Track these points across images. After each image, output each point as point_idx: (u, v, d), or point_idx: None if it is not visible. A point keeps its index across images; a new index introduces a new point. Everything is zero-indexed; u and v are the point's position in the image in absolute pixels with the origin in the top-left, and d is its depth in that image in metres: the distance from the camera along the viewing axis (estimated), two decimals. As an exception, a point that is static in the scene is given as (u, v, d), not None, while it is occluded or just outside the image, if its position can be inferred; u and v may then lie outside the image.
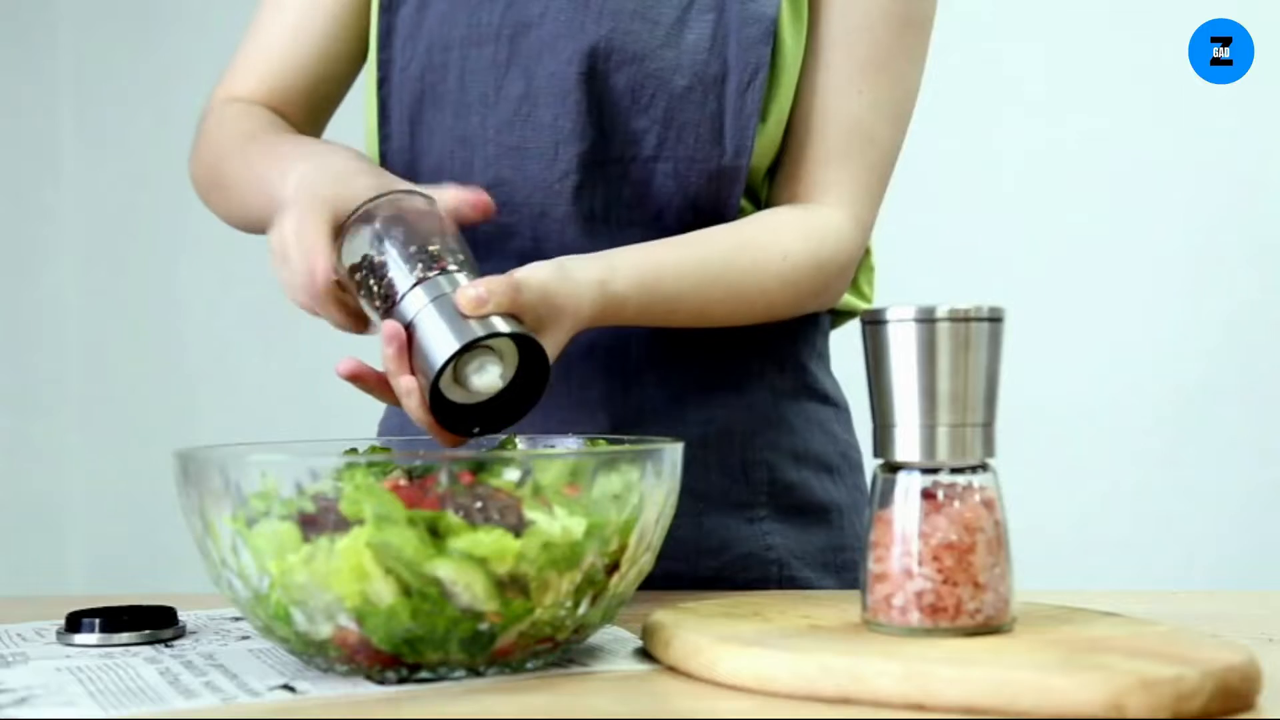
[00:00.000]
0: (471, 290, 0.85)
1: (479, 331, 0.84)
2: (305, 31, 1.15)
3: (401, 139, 1.10)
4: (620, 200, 1.07)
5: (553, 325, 0.91)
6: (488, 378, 0.85)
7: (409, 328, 0.86)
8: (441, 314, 0.85)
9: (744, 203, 1.09)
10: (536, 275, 0.90)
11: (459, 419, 0.88)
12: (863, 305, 1.18)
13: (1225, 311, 2.28)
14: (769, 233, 1.05)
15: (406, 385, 0.86)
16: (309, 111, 1.18)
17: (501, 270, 0.90)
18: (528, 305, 0.88)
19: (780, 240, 1.05)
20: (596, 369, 1.09)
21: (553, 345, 0.90)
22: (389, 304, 0.87)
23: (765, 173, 1.10)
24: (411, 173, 1.10)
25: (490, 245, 1.06)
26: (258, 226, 1.03)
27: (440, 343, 0.84)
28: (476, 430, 0.89)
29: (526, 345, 0.87)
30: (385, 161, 1.12)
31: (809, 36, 1.08)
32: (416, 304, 0.86)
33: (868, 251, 1.17)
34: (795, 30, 1.07)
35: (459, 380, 0.86)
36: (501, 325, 0.85)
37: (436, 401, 0.86)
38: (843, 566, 1.13)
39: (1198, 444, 2.29)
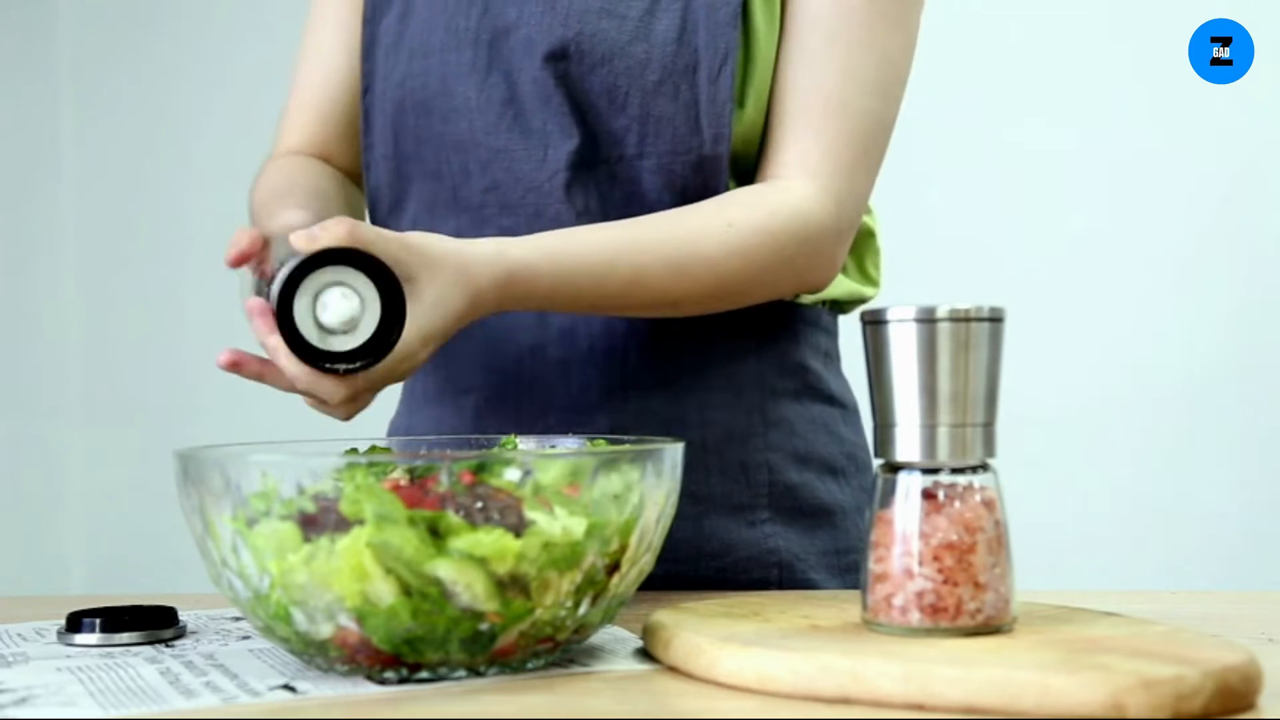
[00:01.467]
0: (305, 230, 0.86)
1: (306, 253, 0.85)
2: (333, 76, 1.19)
3: (385, 146, 1.11)
4: (612, 198, 1.06)
5: (428, 277, 0.89)
6: (340, 308, 0.86)
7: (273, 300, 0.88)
8: (288, 263, 0.87)
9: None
10: (406, 230, 0.92)
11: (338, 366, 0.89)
12: (870, 290, 1.16)
13: (1226, 311, 2.28)
14: (716, 204, 1.03)
15: (274, 343, 0.87)
16: (356, 151, 1.19)
17: None
18: (373, 243, 0.86)
19: (726, 210, 1.02)
20: (594, 371, 1.09)
21: (432, 296, 0.89)
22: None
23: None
24: (398, 178, 1.11)
25: None
26: None
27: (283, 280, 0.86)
28: (345, 367, 0.88)
29: (384, 283, 0.86)
30: (368, 170, 1.13)
31: (781, 15, 1.06)
32: (279, 276, 0.87)
33: (873, 234, 1.16)
34: (768, 12, 1.06)
35: (321, 324, 0.86)
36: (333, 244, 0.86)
37: (295, 339, 0.86)
38: (847, 568, 1.12)
39: (1198, 444, 2.29)
